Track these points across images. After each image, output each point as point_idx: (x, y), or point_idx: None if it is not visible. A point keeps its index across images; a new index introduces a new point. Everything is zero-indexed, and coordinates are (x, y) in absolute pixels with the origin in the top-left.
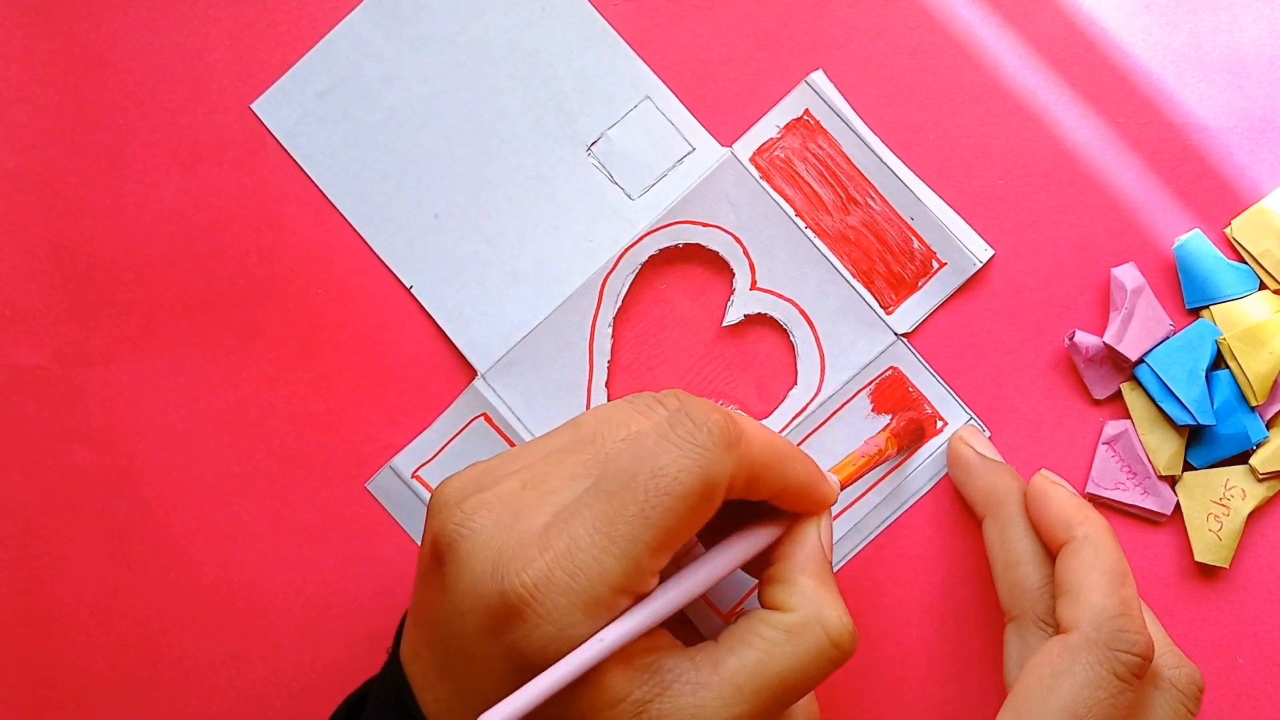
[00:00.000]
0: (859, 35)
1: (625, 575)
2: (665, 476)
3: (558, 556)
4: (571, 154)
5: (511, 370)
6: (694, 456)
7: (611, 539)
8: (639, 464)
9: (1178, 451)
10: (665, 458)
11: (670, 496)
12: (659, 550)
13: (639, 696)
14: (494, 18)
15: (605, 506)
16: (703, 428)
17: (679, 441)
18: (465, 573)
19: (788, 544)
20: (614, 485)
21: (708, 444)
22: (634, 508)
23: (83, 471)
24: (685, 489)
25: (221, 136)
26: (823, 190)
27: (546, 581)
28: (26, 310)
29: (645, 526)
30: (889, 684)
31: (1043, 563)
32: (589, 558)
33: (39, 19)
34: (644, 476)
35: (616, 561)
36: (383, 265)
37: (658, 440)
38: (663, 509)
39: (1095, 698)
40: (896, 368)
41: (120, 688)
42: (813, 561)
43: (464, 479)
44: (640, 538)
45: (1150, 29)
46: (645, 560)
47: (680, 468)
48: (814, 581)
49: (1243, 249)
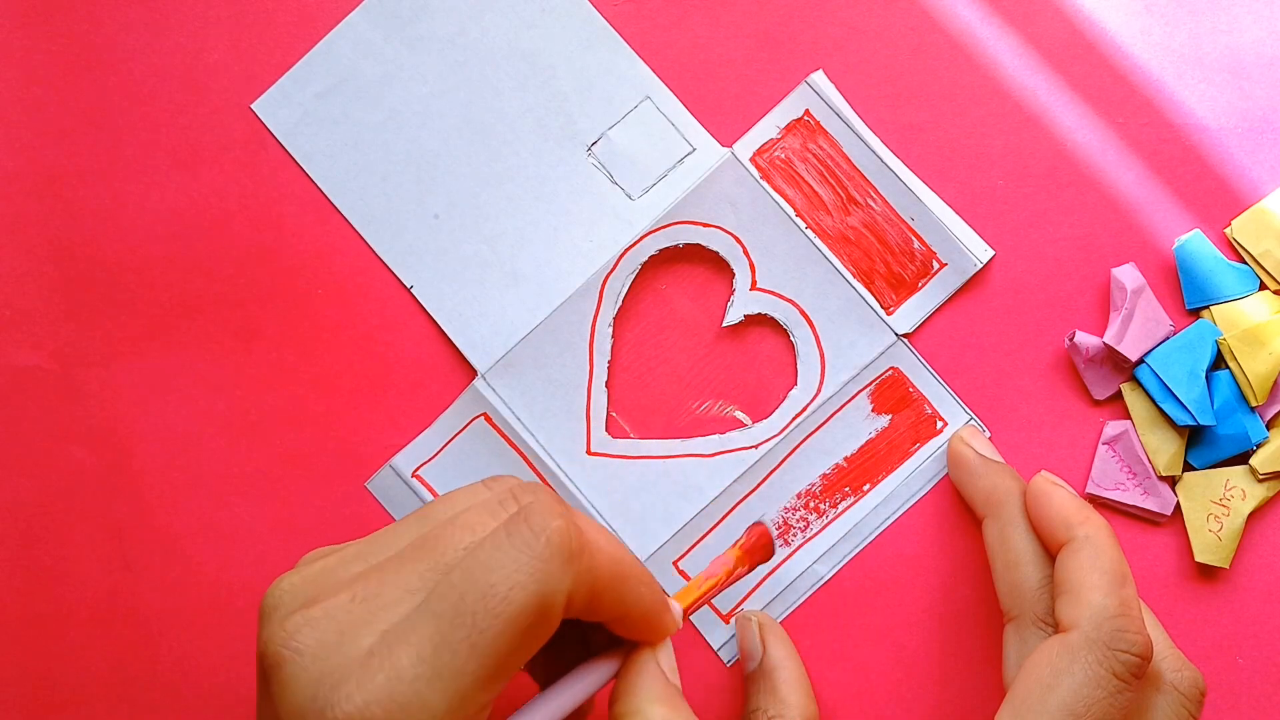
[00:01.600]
0: (859, 36)
1: (450, 711)
2: (495, 597)
3: (376, 691)
4: (572, 154)
5: (511, 370)
6: (528, 570)
7: (436, 671)
8: (469, 582)
9: (1178, 452)
10: (497, 573)
11: (500, 619)
12: (488, 682)
13: None
14: (494, 18)
15: (432, 632)
16: (540, 536)
17: (513, 553)
18: (288, 696)
19: (631, 675)
20: (443, 606)
21: (544, 555)
22: (460, 634)
23: (83, 471)
24: (517, 609)
25: (221, 136)
26: (823, 191)
27: (365, 717)
28: (26, 310)
29: (472, 656)
30: (889, 684)
31: (1042, 563)
32: (410, 692)
33: (39, 19)
34: (473, 598)
35: (440, 697)
36: (383, 265)
37: (491, 552)
38: (491, 634)
39: (1094, 697)
40: (897, 368)
41: (120, 688)
42: (658, 688)
43: (297, 582)
44: (466, 669)
45: (1150, 29)
46: (472, 694)
47: (512, 584)
48: (666, 709)
49: (1243, 249)
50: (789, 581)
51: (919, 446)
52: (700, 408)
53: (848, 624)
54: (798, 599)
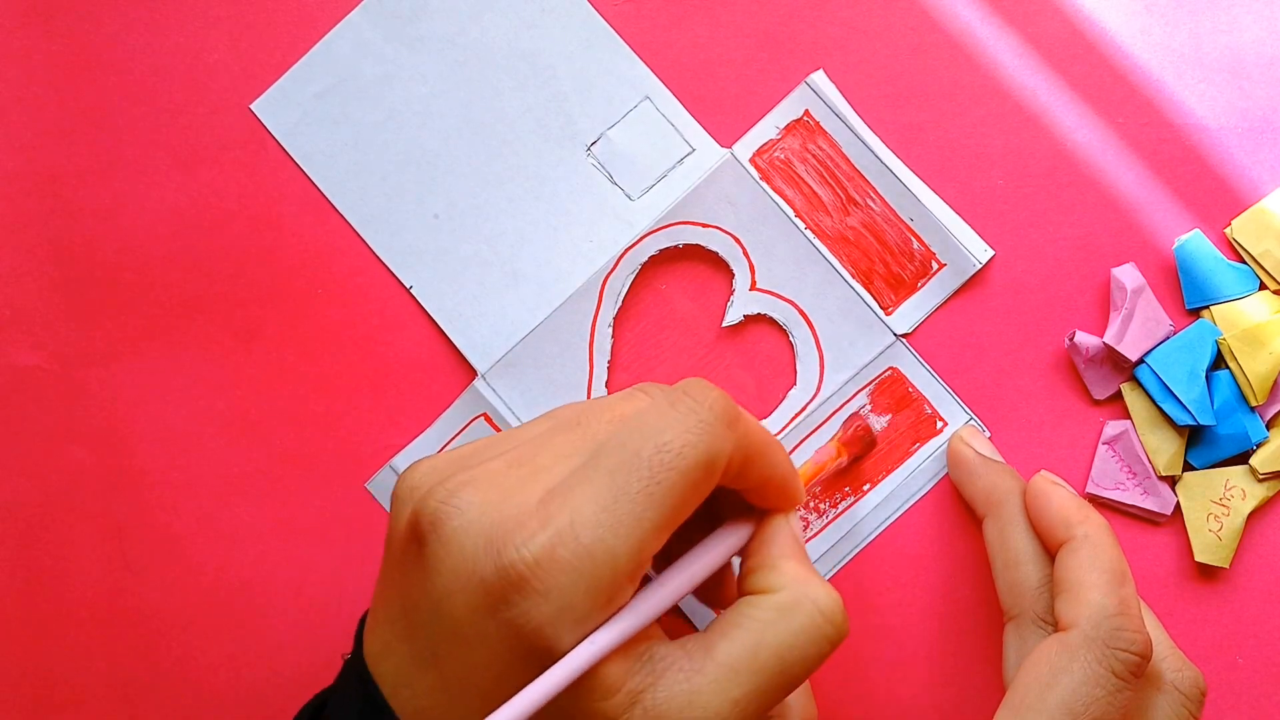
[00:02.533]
0: (859, 36)
1: (629, 557)
2: (670, 452)
3: (560, 533)
4: (571, 154)
5: (511, 370)
6: (697, 431)
7: (616, 517)
8: (642, 440)
9: (1178, 452)
10: (669, 433)
11: (675, 472)
12: (663, 530)
13: (633, 686)
14: (493, 18)
15: (609, 482)
16: (704, 403)
17: (681, 417)
18: (454, 550)
19: (762, 536)
20: (615, 461)
21: (710, 419)
22: (638, 485)
23: (83, 471)
24: (689, 464)
25: (221, 136)
26: (822, 191)
27: (549, 558)
28: (26, 310)
29: (649, 504)
30: (889, 684)
31: (1042, 562)
32: (593, 536)
33: (39, 19)
34: (648, 452)
35: (622, 542)
36: (383, 265)
37: (658, 416)
38: (667, 485)
39: (1093, 695)
40: (896, 368)
41: (120, 688)
42: (791, 547)
43: (437, 462)
44: (645, 516)
45: (1150, 29)
46: (649, 540)
47: (684, 442)
48: (796, 563)
49: (1243, 249)
50: None
51: (919, 446)
52: None
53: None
54: None
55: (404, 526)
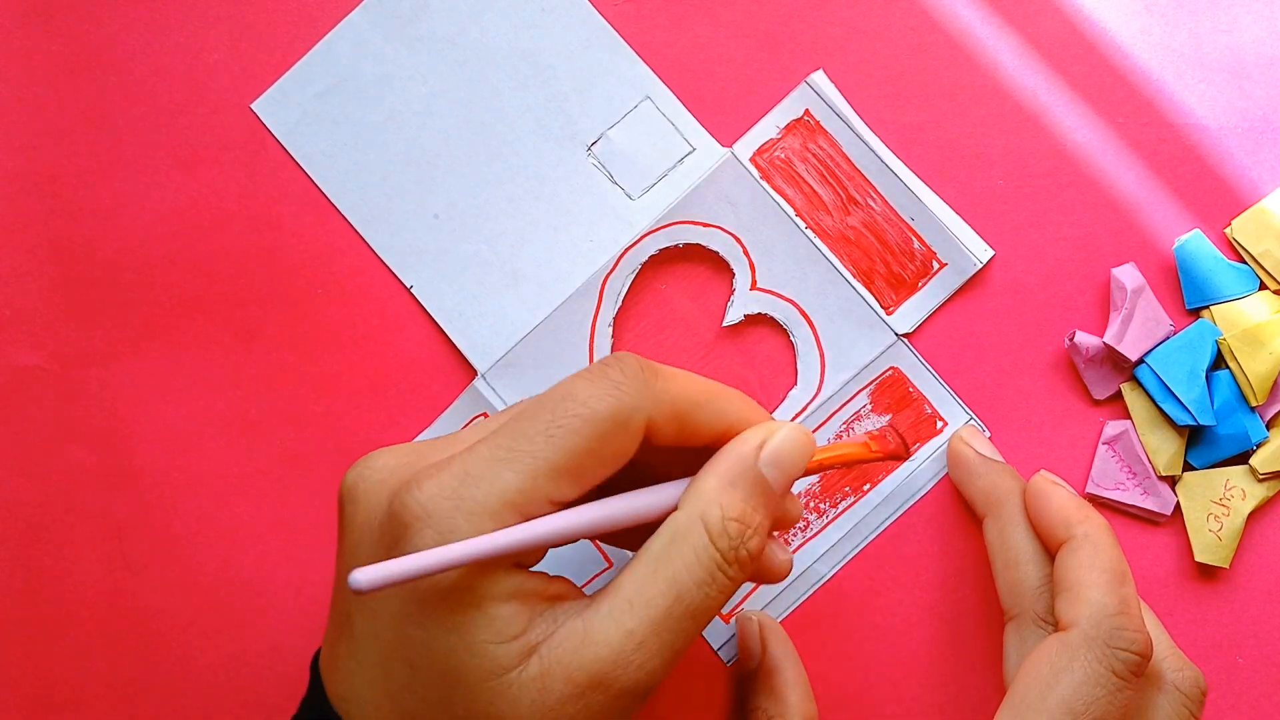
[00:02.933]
0: (859, 36)
1: (519, 491)
2: (574, 400)
3: (451, 474)
4: (572, 154)
5: (511, 370)
6: (605, 386)
7: (510, 453)
8: (551, 394)
9: (1178, 452)
10: (578, 387)
11: (578, 419)
12: (563, 472)
13: (531, 637)
14: (494, 18)
15: (510, 429)
16: (617, 366)
17: (592, 377)
18: (361, 508)
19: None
20: (520, 411)
21: (620, 378)
22: (538, 426)
23: (83, 471)
24: (594, 412)
25: (221, 136)
26: (823, 190)
27: (436, 494)
28: (26, 310)
29: (548, 444)
30: (889, 684)
31: (1042, 562)
32: (484, 468)
33: (39, 19)
34: (552, 400)
35: (513, 475)
36: (383, 265)
37: (572, 380)
38: (569, 429)
39: (1093, 695)
40: (897, 368)
41: (120, 688)
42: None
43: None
44: (540, 454)
45: (1150, 29)
46: (544, 479)
47: (590, 393)
48: (716, 480)
49: (1243, 249)
50: (789, 581)
51: (919, 446)
52: None
53: (848, 624)
54: (798, 599)
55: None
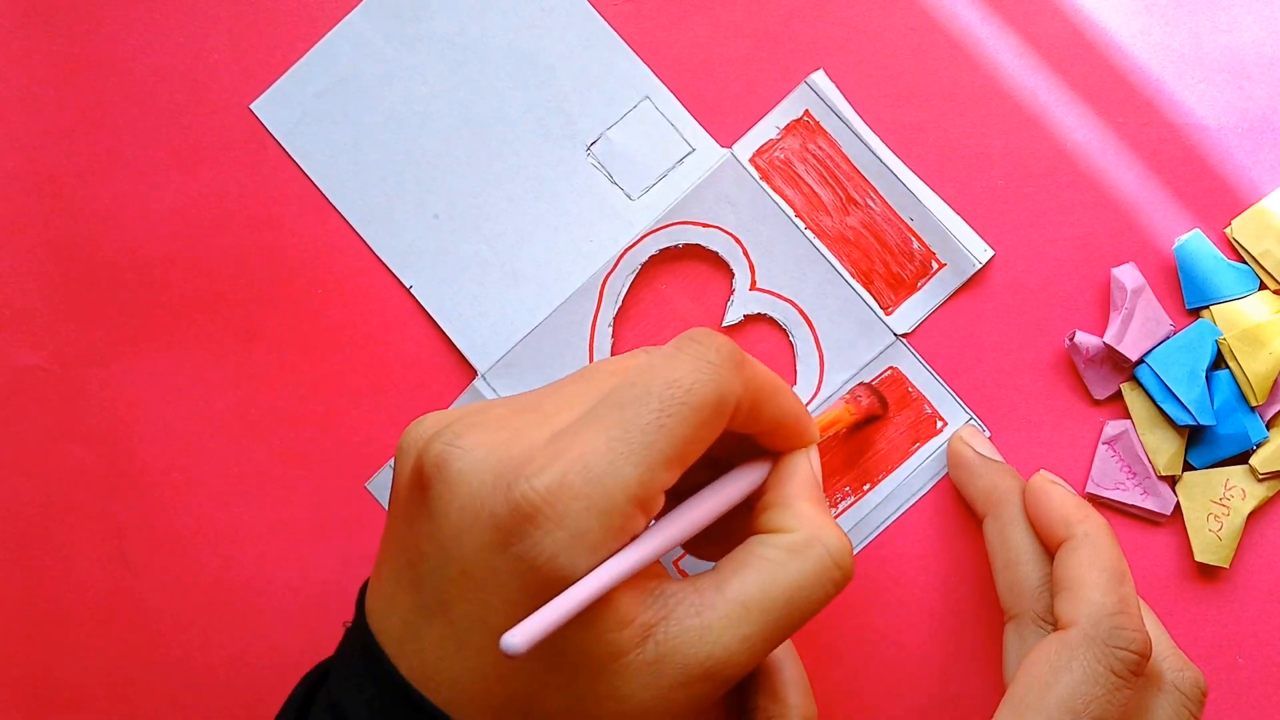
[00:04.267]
0: (859, 36)
1: (641, 484)
2: (680, 387)
3: (571, 462)
4: (571, 154)
5: (511, 370)
6: (706, 371)
7: (628, 445)
8: (651, 377)
9: (1178, 451)
10: (678, 371)
11: (686, 406)
12: (674, 462)
13: (646, 619)
14: (494, 18)
15: (619, 416)
16: (710, 347)
17: (689, 359)
18: (461, 491)
19: (779, 475)
20: (626, 398)
21: (717, 360)
22: (649, 416)
23: (83, 471)
24: (699, 400)
25: (221, 136)
26: (822, 191)
27: (560, 486)
28: (26, 310)
29: (661, 435)
30: (889, 684)
31: (1042, 561)
32: (605, 463)
33: (39, 19)
34: (658, 386)
35: (634, 469)
36: (383, 265)
37: (666, 360)
38: (679, 418)
39: (1092, 694)
40: (896, 368)
41: (120, 688)
42: (807, 487)
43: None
44: (656, 446)
45: (1150, 29)
46: (660, 471)
47: (694, 380)
48: (810, 505)
49: (1243, 249)
50: None
51: (919, 446)
52: None
53: (848, 624)
54: None
55: (409, 472)
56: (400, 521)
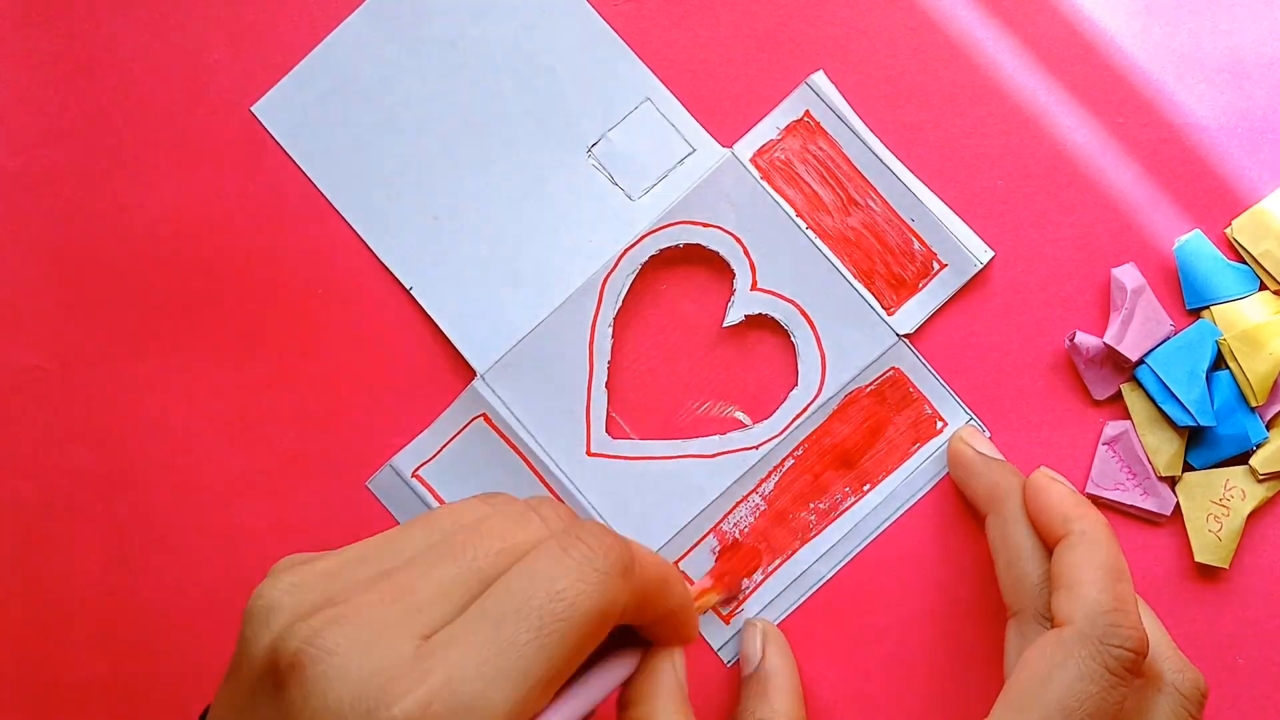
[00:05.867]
0: (859, 36)
1: (512, 714)
2: (563, 601)
3: (436, 689)
4: (572, 155)
5: (511, 371)
6: (592, 581)
7: (501, 670)
8: (533, 586)
9: (1178, 452)
10: (562, 581)
11: (567, 623)
12: (550, 684)
13: None
14: (494, 20)
15: (493, 634)
16: (598, 551)
17: (575, 565)
18: (316, 702)
19: (646, 681)
20: (502, 609)
21: (604, 568)
22: (526, 635)
23: (83, 471)
24: (582, 615)
25: (221, 138)
26: (823, 191)
27: (422, 717)
28: (26, 310)
29: (539, 656)
30: (889, 684)
31: (1043, 558)
32: (474, 690)
33: (39, 19)
34: (539, 600)
35: (505, 698)
36: (383, 266)
37: (550, 562)
38: (558, 637)
39: (1087, 692)
40: (897, 368)
41: (120, 688)
42: (674, 700)
43: (299, 580)
44: (532, 670)
45: (1150, 29)
46: (535, 695)
47: (578, 592)
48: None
49: (1243, 249)
50: (789, 581)
51: (919, 446)
52: (700, 408)
53: (848, 624)
54: (798, 599)
55: (260, 657)
56: (245, 700)
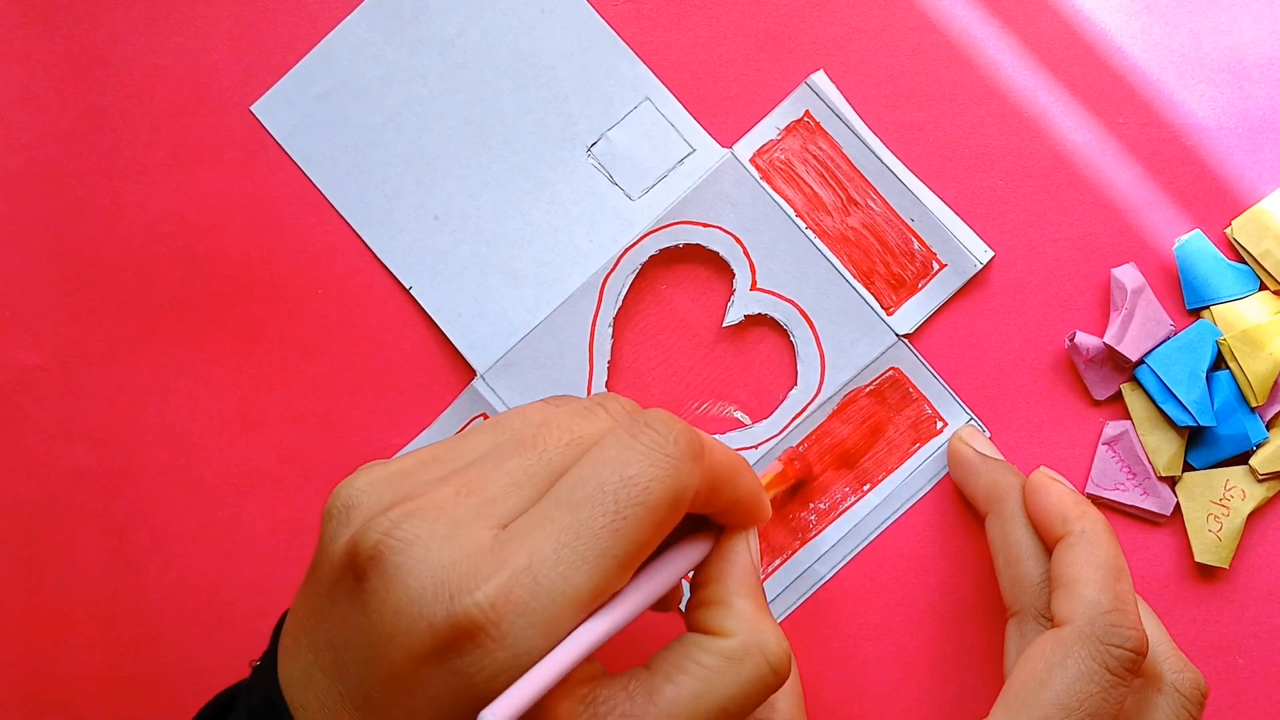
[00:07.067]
0: (859, 36)
1: (592, 594)
2: (636, 486)
3: (517, 573)
4: (571, 155)
5: (511, 370)
6: (664, 466)
7: (579, 554)
8: (606, 473)
9: (1178, 452)
10: (634, 466)
11: (642, 507)
12: (627, 566)
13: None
14: (494, 19)
15: (571, 519)
16: (668, 437)
17: (645, 451)
18: (398, 591)
19: (719, 562)
20: (577, 496)
21: (675, 453)
22: (603, 520)
23: (83, 471)
24: (656, 499)
25: (221, 137)
26: (823, 191)
27: (505, 601)
28: (26, 310)
29: (615, 540)
30: (889, 684)
31: (1043, 558)
32: (555, 574)
33: (39, 19)
34: (613, 485)
35: (585, 579)
36: (382, 266)
37: (621, 448)
38: (634, 520)
39: (1087, 691)
40: (897, 368)
41: (120, 688)
42: (746, 582)
43: (374, 479)
44: (610, 552)
45: (1150, 29)
46: (613, 577)
47: (650, 477)
48: (750, 604)
49: (1243, 249)
50: (789, 581)
51: (919, 446)
52: (700, 408)
53: (848, 624)
54: (798, 599)
55: (340, 552)
56: (327, 597)
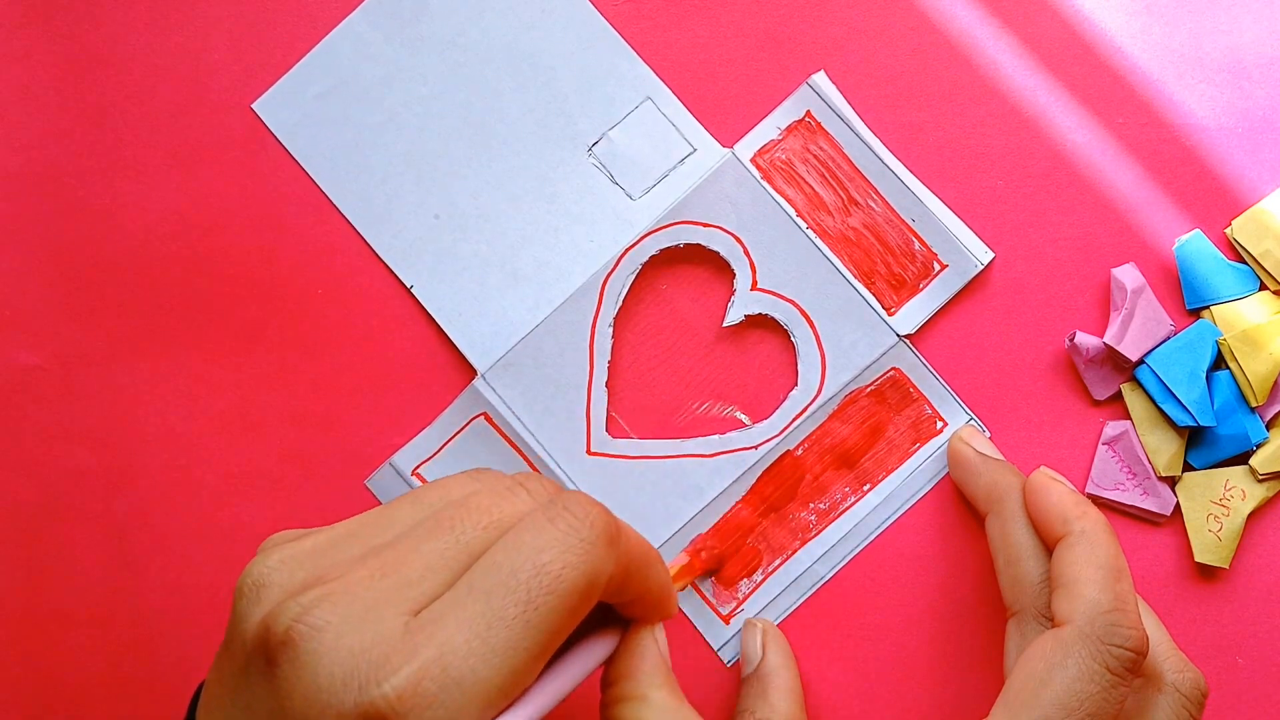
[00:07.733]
0: (860, 37)
1: (502, 689)
2: (549, 575)
3: (427, 665)
4: (572, 155)
5: (511, 370)
6: (578, 552)
7: (490, 646)
8: (519, 559)
9: (1178, 452)
10: (549, 553)
11: (555, 596)
12: (539, 658)
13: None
14: (494, 19)
15: (483, 607)
16: (584, 521)
17: (560, 536)
18: (308, 678)
19: (629, 658)
20: (490, 582)
21: (590, 538)
22: (514, 609)
23: (83, 471)
24: (569, 587)
25: (222, 136)
26: (824, 192)
27: (413, 693)
28: (26, 310)
29: (526, 632)
30: (889, 684)
31: (1043, 558)
32: (465, 667)
33: (39, 19)
34: (525, 574)
35: (495, 673)
36: (383, 265)
37: (536, 534)
38: (545, 610)
39: (1087, 691)
40: (898, 368)
41: (120, 688)
42: (660, 673)
43: (287, 556)
44: (520, 644)
45: (1150, 29)
46: (523, 670)
47: (564, 564)
48: (667, 694)
49: (1243, 249)
50: (789, 581)
51: (919, 446)
52: (700, 408)
53: (848, 624)
54: (798, 599)
55: (252, 633)
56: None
